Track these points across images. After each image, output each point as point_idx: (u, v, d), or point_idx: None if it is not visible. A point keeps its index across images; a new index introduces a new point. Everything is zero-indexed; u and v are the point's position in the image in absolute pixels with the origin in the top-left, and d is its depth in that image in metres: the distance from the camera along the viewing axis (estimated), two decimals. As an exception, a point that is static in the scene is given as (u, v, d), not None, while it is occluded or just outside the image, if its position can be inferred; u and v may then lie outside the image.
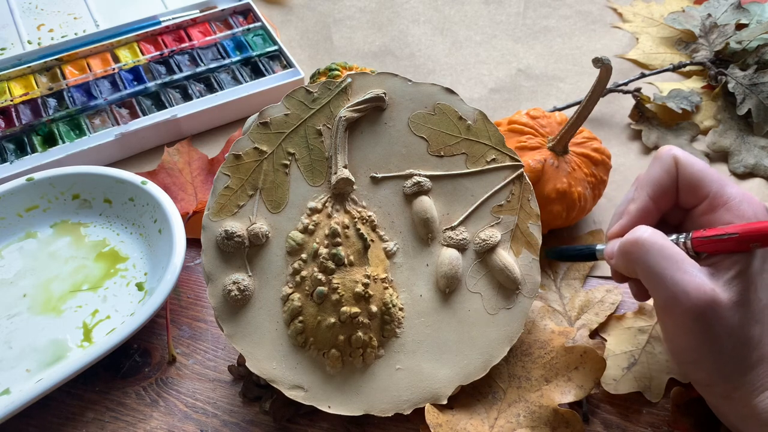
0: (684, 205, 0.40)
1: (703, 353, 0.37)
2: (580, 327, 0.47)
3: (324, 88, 0.45)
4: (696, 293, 0.35)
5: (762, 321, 0.36)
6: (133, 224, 0.53)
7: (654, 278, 0.36)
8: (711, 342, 0.36)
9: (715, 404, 0.40)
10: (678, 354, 0.39)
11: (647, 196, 0.40)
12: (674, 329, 0.38)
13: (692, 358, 0.38)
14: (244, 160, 0.43)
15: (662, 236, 0.37)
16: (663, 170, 0.39)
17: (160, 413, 0.44)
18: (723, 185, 0.38)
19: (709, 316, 0.35)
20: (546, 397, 0.42)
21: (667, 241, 0.36)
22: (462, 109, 0.45)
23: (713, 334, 0.36)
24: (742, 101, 0.61)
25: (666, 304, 0.37)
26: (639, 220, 0.40)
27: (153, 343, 0.48)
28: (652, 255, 0.36)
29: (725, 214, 0.37)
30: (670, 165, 0.39)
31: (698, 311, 0.35)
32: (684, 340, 0.37)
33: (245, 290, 0.42)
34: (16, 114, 0.60)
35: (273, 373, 0.41)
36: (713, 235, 0.36)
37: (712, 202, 0.38)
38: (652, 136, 0.62)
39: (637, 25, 0.73)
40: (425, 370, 0.42)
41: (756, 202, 0.38)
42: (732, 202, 0.37)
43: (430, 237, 0.44)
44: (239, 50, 0.67)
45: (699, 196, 0.39)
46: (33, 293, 0.49)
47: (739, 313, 0.36)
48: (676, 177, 0.39)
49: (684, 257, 0.36)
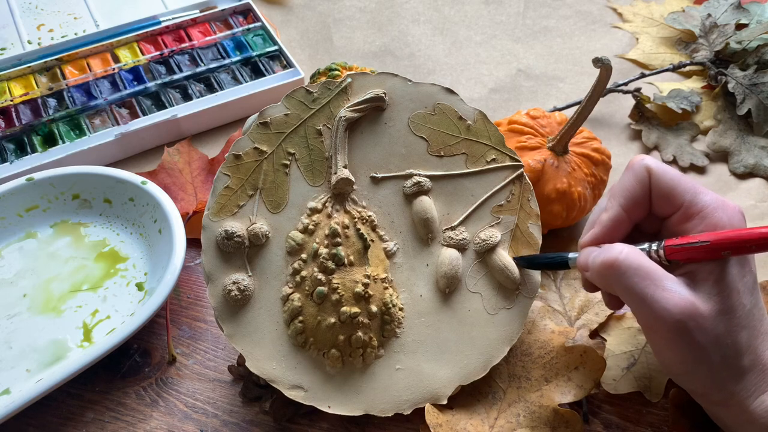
0: (658, 214, 0.40)
1: (694, 365, 0.36)
2: (580, 327, 0.47)
3: (324, 88, 0.45)
4: (676, 309, 0.35)
5: (749, 326, 0.36)
6: (133, 224, 0.53)
7: (634, 299, 0.36)
8: (699, 353, 0.36)
9: (712, 412, 0.40)
10: (669, 368, 0.39)
11: (619, 206, 0.39)
12: (661, 346, 0.37)
13: (683, 370, 0.37)
14: (244, 160, 0.43)
15: (638, 254, 0.36)
16: (635, 180, 0.39)
17: (160, 413, 0.44)
18: (697, 193, 0.38)
19: (692, 328, 0.35)
20: (546, 397, 0.42)
21: (644, 259, 0.36)
22: (462, 109, 0.45)
23: (699, 346, 0.35)
24: (742, 101, 0.61)
25: (649, 323, 0.37)
26: (611, 229, 0.39)
27: (153, 343, 0.48)
28: (630, 276, 0.35)
29: (700, 222, 0.37)
30: (642, 175, 0.39)
31: (680, 325, 0.35)
32: (672, 355, 0.37)
33: (245, 290, 0.42)
34: (16, 114, 0.60)
35: (273, 373, 0.41)
36: (685, 243, 0.36)
37: (687, 211, 0.38)
38: (652, 136, 0.62)
39: (637, 25, 0.73)
40: (425, 370, 0.42)
41: (731, 207, 0.37)
42: (706, 209, 0.37)
43: (430, 237, 0.44)
44: (239, 50, 0.67)
45: (673, 205, 0.38)
46: (33, 293, 0.49)
47: (723, 322, 0.35)
48: (649, 187, 0.39)
49: (662, 274, 0.36)
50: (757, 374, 0.36)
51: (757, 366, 0.36)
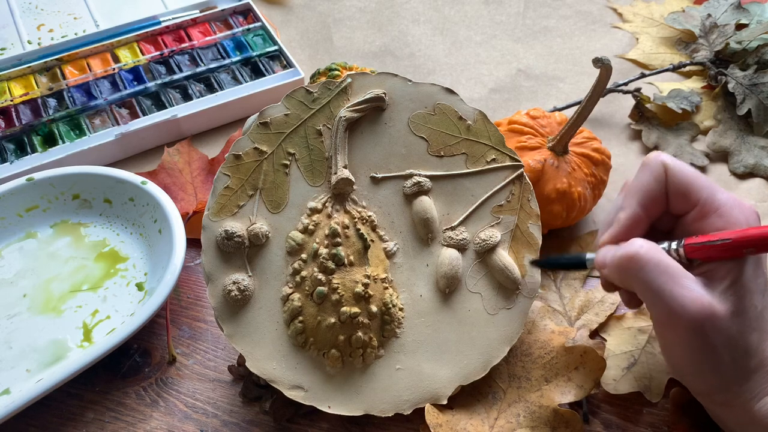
0: (674, 212, 0.39)
1: (703, 366, 0.36)
2: (580, 327, 0.47)
3: (324, 88, 0.45)
4: (694, 307, 0.34)
5: (759, 327, 0.36)
6: (133, 224, 0.53)
7: (651, 294, 0.36)
8: (710, 354, 0.35)
9: (714, 412, 0.40)
10: (677, 367, 0.39)
11: (637, 204, 0.39)
12: (673, 343, 0.37)
13: (691, 370, 0.37)
14: (244, 160, 0.43)
15: (658, 250, 0.36)
16: (652, 177, 0.39)
17: (160, 413, 0.44)
18: (714, 192, 0.38)
19: (708, 329, 0.35)
20: (546, 397, 0.42)
21: (664, 255, 0.36)
22: (462, 109, 0.45)
23: (712, 346, 0.35)
24: (742, 101, 0.61)
25: (664, 319, 0.36)
26: (629, 228, 0.39)
27: (153, 343, 0.48)
28: (648, 270, 0.35)
29: (717, 220, 0.37)
30: (659, 172, 0.38)
31: (697, 325, 0.35)
32: (683, 354, 0.37)
33: (245, 290, 0.42)
34: (16, 114, 0.60)
35: (273, 373, 0.41)
36: (706, 241, 0.36)
37: (703, 209, 0.38)
38: (652, 136, 0.62)
39: (637, 25, 0.73)
40: (425, 370, 0.42)
41: (747, 207, 0.37)
42: (723, 208, 0.37)
43: (430, 237, 0.44)
44: (239, 50, 0.67)
45: (689, 203, 0.38)
46: (33, 293, 0.49)
47: (736, 323, 0.35)
48: (666, 184, 0.38)
49: (681, 271, 0.35)
50: (763, 376, 0.36)
51: (763, 368, 0.36)
